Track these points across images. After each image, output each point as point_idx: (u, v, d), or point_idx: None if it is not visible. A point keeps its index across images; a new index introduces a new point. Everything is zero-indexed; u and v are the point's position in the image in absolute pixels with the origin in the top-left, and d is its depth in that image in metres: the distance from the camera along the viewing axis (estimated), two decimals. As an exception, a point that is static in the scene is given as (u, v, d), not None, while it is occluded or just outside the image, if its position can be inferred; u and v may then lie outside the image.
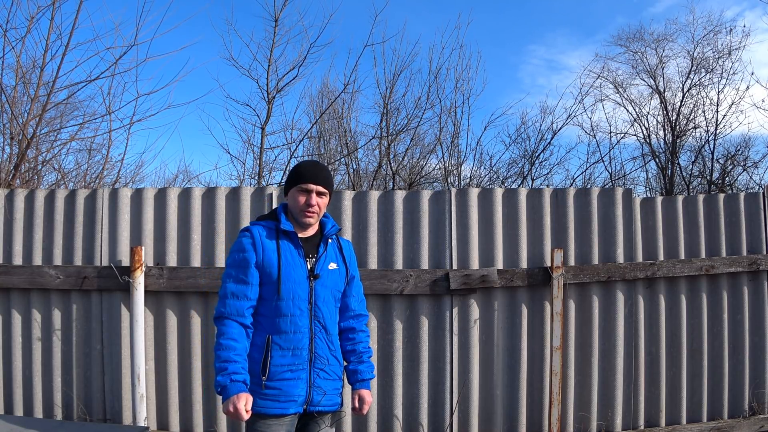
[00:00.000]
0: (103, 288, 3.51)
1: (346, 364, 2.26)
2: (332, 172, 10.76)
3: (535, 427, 3.64)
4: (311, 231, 2.20)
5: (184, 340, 3.56)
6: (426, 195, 3.66)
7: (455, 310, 3.59)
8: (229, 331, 2.01)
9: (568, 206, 3.69)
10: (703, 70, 10.81)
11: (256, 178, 8.84)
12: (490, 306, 3.62)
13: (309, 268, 2.11)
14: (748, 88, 12.34)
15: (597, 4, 19.66)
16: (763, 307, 3.85)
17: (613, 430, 3.66)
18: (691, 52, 11.00)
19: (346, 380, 2.28)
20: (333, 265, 2.17)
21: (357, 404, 2.22)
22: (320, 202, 2.14)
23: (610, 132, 10.99)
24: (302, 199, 2.12)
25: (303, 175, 2.13)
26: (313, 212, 2.13)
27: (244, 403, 1.92)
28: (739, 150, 10.51)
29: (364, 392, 2.23)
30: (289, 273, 2.06)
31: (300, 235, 2.15)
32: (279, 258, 2.06)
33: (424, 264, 3.60)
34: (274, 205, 3.57)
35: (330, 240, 2.22)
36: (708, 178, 10.47)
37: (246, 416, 1.93)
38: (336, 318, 2.22)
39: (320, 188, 2.13)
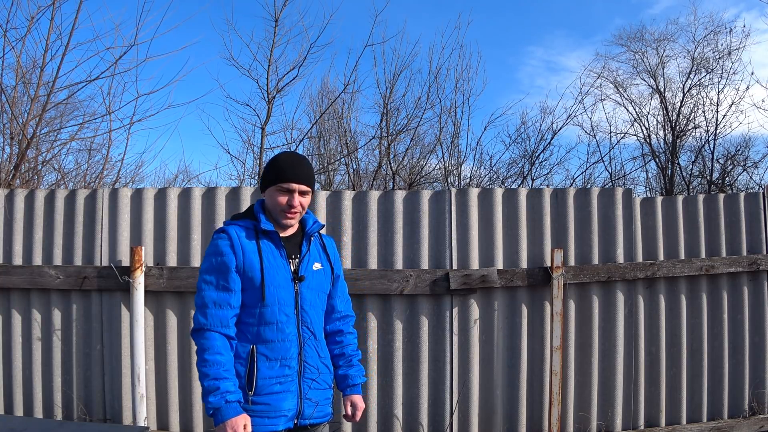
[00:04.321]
0: (103, 288, 3.51)
1: (334, 368, 2.11)
2: (332, 172, 10.83)
3: (535, 427, 3.64)
4: (292, 230, 2.03)
5: (184, 340, 3.56)
6: (426, 195, 3.66)
7: (455, 310, 3.59)
8: (214, 345, 1.81)
9: (568, 206, 3.69)
10: (703, 70, 10.83)
11: (256, 178, 8.84)
12: (490, 306, 3.62)
13: (292, 269, 1.95)
14: (748, 88, 12.35)
15: (595, 5, 19.68)
16: (763, 307, 3.85)
17: (613, 430, 3.66)
18: (691, 52, 11.01)
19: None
20: (317, 265, 2.02)
21: (349, 411, 2.08)
22: (303, 202, 1.96)
23: (610, 132, 11.00)
24: (283, 200, 1.93)
25: (284, 172, 1.92)
26: (296, 212, 1.95)
27: (243, 426, 1.76)
28: (739, 150, 10.53)
29: (356, 398, 2.09)
30: (273, 276, 1.89)
31: (280, 234, 1.98)
32: (261, 260, 1.89)
33: (424, 264, 3.60)
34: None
35: (312, 238, 2.06)
36: (708, 178, 10.48)
37: None
38: (323, 321, 2.07)
39: (303, 187, 1.94)
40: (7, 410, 3.60)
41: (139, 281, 3.43)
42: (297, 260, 1.98)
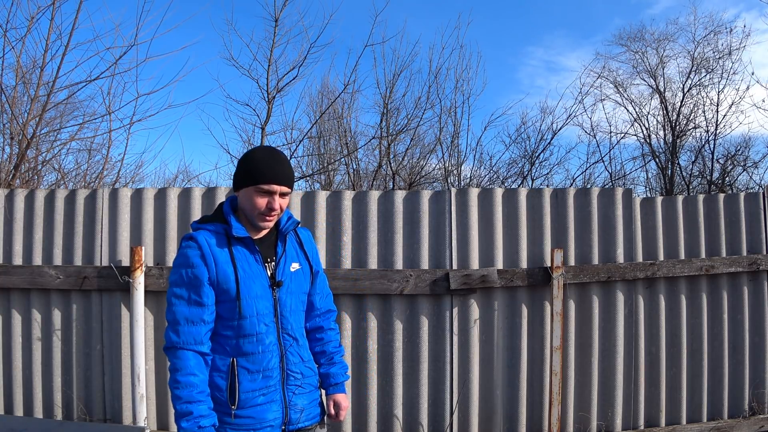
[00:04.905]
0: (103, 288, 3.51)
1: (317, 367, 2.03)
2: (332, 172, 10.82)
3: (535, 427, 3.64)
4: (265, 230, 1.89)
5: (184, 340, 3.56)
6: (426, 195, 3.66)
7: (455, 310, 3.59)
8: (187, 365, 1.71)
9: (568, 206, 3.69)
10: (703, 70, 10.85)
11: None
12: (490, 306, 3.62)
13: (269, 274, 1.83)
14: (748, 88, 12.35)
15: (595, 6, 19.70)
16: (763, 307, 3.85)
17: (613, 430, 3.66)
18: (691, 52, 11.03)
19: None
20: (295, 266, 1.90)
21: (333, 410, 2.01)
22: (282, 204, 1.81)
23: (610, 132, 11.02)
24: (262, 202, 1.77)
25: (263, 173, 1.76)
26: (275, 216, 1.82)
27: None
28: (739, 150, 10.53)
29: (340, 397, 2.01)
30: (250, 287, 1.78)
31: (254, 237, 1.85)
32: (235, 270, 1.77)
33: (424, 264, 3.60)
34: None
35: (287, 236, 1.93)
36: (708, 178, 10.48)
37: None
38: (303, 322, 1.98)
39: (284, 188, 1.79)
40: (7, 410, 3.60)
41: (139, 281, 3.43)
42: (273, 263, 1.86)
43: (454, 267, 3.59)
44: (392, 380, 3.57)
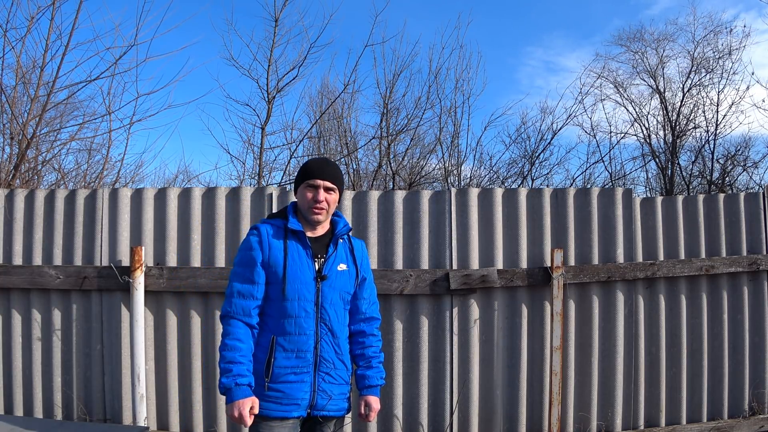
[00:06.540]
0: (103, 288, 3.51)
1: (355, 368, 2.19)
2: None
3: (535, 427, 3.64)
4: (321, 230, 2.14)
5: (184, 340, 3.56)
6: (426, 195, 3.66)
7: (455, 310, 3.59)
8: (235, 331, 1.97)
9: (568, 206, 3.69)
10: (703, 70, 10.83)
11: (256, 178, 8.84)
12: (490, 306, 3.62)
13: (317, 268, 2.06)
14: (748, 88, 12.34)
15: (594, 6, 19.71)
16: (763, 307, 3.85)
17: (613, 430, 3.66)
18: (691, 52, 11.02)
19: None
20: (342, 266, 2.11)
21: (363, 411, 2.15)
22: (328, 198, 2.09)
23: (610, 132, 11.02)
24: (309, 195, 2.07)
25: (311, 171, 2.09)
26: (322, 208, 2.07)
27: (249, 407, 1.89)
28: (739, 150, 10.52)
29: (372, 398, 2.16)
30: (295, 273, 2.02)
31: (309, 234, 2.10)
32: (285, 257, 2.02)
33: (424, 264, 3.60)
34: (274, 206, 3.57)
35: (341, 240, 2.16)
36: (708, 178, 10.47)
37: (250, 421, 1.91)
38: (345, 320, 2.15)
39: (328, 183, 2.08)
40: (7, 410, 3.60)
41: (139, 281, 3.43)
42: (322, 260, 2.09)
43: (454, 267, 3.59)
44: (392, 380, 3.57)
